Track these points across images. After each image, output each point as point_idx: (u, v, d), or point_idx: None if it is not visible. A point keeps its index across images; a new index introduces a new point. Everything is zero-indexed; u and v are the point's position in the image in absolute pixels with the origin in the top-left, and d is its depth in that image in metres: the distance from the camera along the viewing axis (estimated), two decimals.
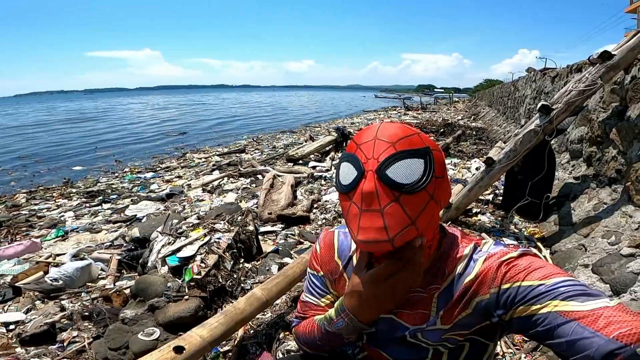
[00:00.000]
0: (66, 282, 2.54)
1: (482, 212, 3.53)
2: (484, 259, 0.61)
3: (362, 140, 0.59)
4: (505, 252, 0.60)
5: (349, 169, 0.59)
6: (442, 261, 0.64)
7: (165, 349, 1.28)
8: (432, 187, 0.57)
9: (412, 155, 0.56)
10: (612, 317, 0.46)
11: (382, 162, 0.56)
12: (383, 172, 0.56)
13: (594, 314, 0.47)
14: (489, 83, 39.54)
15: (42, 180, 6.99)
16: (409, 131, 0.59)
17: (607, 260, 2.09)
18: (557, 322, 0.48)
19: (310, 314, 0.80)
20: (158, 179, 6.37)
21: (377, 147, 0.57)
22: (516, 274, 0.56)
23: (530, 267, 0.55)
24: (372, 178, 0.56)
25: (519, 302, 0.53)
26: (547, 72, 5.57)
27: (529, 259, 0.57)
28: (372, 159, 0.57)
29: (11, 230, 3.92)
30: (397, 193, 0.55)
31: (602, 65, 2.42)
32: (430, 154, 0.58)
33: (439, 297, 0.63)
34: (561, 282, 0.51)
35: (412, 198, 0.56)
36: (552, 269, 0.54)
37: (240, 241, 2.52)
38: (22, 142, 12.72)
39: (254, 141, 10.88)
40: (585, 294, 0.49)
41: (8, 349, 1.81)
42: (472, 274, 0.61)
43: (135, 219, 4.14)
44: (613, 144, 2.79)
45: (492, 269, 0.59)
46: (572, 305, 0.48)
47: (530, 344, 1.78)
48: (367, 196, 0.55)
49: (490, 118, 12.11)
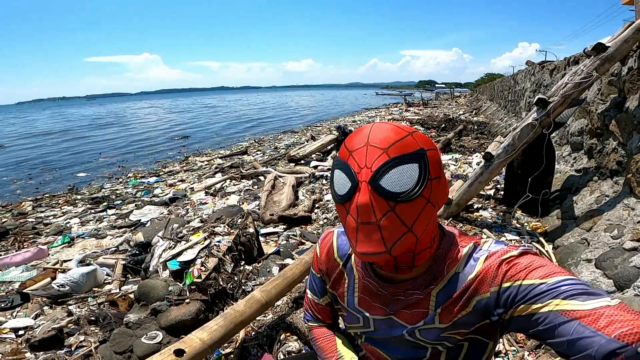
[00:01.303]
0: (73, 288, 2.58)
1: (483, 207, 3.52)
2: (485, 257, 0.60)
3: (354, 147, 0.58)
4: (506, 250, 0.59)
5: (343, 179, 0.58)
6: (442, 261, 0.64)
7: (165, 352, 1.31)
8: (427, 191, 0.57)
9: (405, 160, 0.55)
10: (614, 316, 0.45)
11: (375, 171, 0.55)
12: (377, 183, 0.55)
13: (595, 313, 0.46)
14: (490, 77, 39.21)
15: (47, 188, 7.08)
16: (401, 133, 0.57)
17: (610, 254, 2.07)
18: (558, 321, 0.48)
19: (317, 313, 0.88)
20: (161, 183, 6.43)
21: (370, 155, 0.56)
22: (517, 272, 0.55)
23: (531, 266, 0.55)
24: (367, 190, 0.55)
25: (519, 300, 0.53)
26: (545, 65, 5.53)
27: (530, 258, 0.56)
28: (365, 168, 0.56)
29: (18, 237, 3.98)
30: (392, 203, 0.55)
31: (596, 58, 2.40)
32: (424, 156, 0.56)
33: (437, 295, 0.63)
34: (562, 281, 0.51)
35: (408, 206, 0.55)
36: (553, 267, 0.54)
37: (240, 244, 2.54)
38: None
39: (256, 142, 10.92)
40: (587, 293, 0.49)
41: (17, 354, 1.85)
42: (473, 273, 0.60)
43: (139, 224, 4.19)
44: (613, 136, 2.78)
45: (493, 268, 0.58)
46: (573, 305, 0.48)
47: (533, 342, 1.78)
48: (363, 209, 0.55)
49: (492, 112, 12.04)
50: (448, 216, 3.17)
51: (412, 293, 0.65)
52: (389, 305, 0.67)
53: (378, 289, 0.68)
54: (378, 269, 0.68)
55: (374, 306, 0.69)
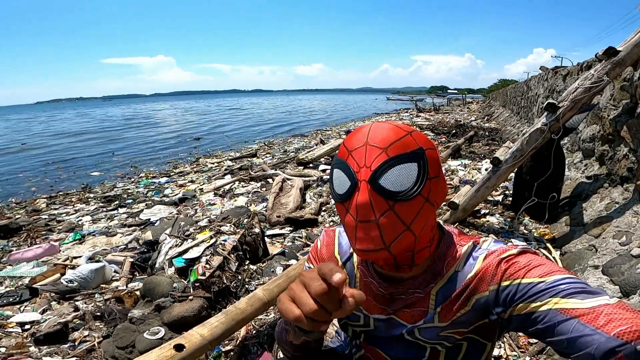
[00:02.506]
0: (81, 284, 2.63)
1: (490, 213, 3.48)
2: (484, 256, 0.61)
3: (353, 146, 0.58)
4: (505, 249, 0.60)
5: (343, 178, 0.59)
6: (441, 260, 0.64)
7: (166, 346, 1.33)
8: (426, 190, 0.57)
9: (404, 160, 0.56)
10: (613, 314, 0.45)
11: (375, 170, 0.55)
12: (376, 182, 0.55)
13: (595, 312, 0.46)
14: (503, 83, 38.73)
15: (61, 186, 7.24)
16: (400, 132, 0.57)
17: (618, 261, 2.04)
18: (557, 319, 0.48)
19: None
20: (172, 183, 6.52)
21: (369, 154, 0.56)
22: (516, 271, 0.55)
23: (530, 265, 0.55)
24: (366, 189, 0.55)
25: (518, 299, 0.53)
26: (558, 70, 5.46)
27: (529, 257, 0.57)
28: (364, 167, 0.56)
29: (31, 234, 4.07)
30: (391, 202, 0.55)
31: (607, 62, 2.37)
32: (423, 155, 0.57)
33: (436, 294, 0.63)
34: (561, 280, 0.51)
35: (407, 204, 0.56)
36: (552, 266, 0.54)
37: (245, 243, 2.56)
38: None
39: (266, 145, 11.00)
40: (586, 292, 0.49)
41: (22, 348, 1.89)
42: (472, 272, 0.61)
43: (149, 223, 4.25)
44: (624, 142, 2.73)
45: (492, 266, 0.58)
46: (572, 303, 0.48)
47: (535, 347, 1.75)
48: (362, 208, 0.55)
49: (504, 118, 11.91)
50: (454, 221, 3.14)
51: (412, 292, 0.65)
52: (389, 305, 0.67)
53: (378, 288, 0.68)
54: (379, 268, 0.68)
55: (374, 306, 0.69)
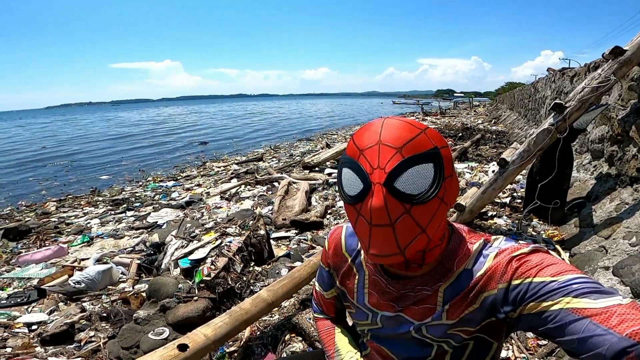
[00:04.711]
0: (88, 285, 2.66)
1: (498, 215, 3.45)
2: (495, 254, 0.59)
3: (365, 145, 0.55)
4: (516, 247, 0.59)
5: (354, 179, 0.56)
6: (451, 258, 0.63)
7: (169, 346, 1.33)
8: (442, 190, 0.55)
9: (420, 160, 0.53)
10: (625, 314, 0.45)
11: (390, 173, 0.53)
12: (392, 185, 0.53)
13: (607, 312, 0.46)
14: (510, 86, 38.43)
15: (71, 189, 7.34)
16: (414, 130, 0.55)
17: (628, 262, 2.00)
18: (569, 319, 0.47)
19: (322, 306, 0.90)
20: (179, 187, 6.57)
21: (383, 155, 0.54)
22: (527, 270, 0.54)
23: (542, 264, 0.54)
24: (381, 192, 0.53)
25: (529, 298, 0.52)
26: (565, 71, 5.40)
27: (541, 256, 0.56)
28: (377, 168, 0.53)
29: (40, 236, 4.13)
30: (407, 205, 0.53)
31: (614, 62, 2.34)
32: (439, 155, 0.55)
33: (444, 291, 0.62)
34: (574, 279, 0.50)
35: (424, 207, 0.54)
36: (564, 265, 0.53)
37: (251, 245, 2.57)
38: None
39: (272, 149, 11.04)
40: (598, 292, 0.48)
41: (28, 348, 1.91)
42: (482, 269, 0.60)
43: (156, 226, 4.29)
44: (633, 142, 2.68)
45: (502, 264, 0.57)
46: (584, 303, 0.47)
47: (544, 349, 1.72)
48: (377, 212, 0.53)
49: (512, 121, 11.81)
50: (461, 223, 3.12)
51: (420, 289, 0.64)
52: (397, 302, 0.67)
53: (387, 286, 0.68)
54: (388, 267, 0.68)
55: (382, 303, 0.69)
